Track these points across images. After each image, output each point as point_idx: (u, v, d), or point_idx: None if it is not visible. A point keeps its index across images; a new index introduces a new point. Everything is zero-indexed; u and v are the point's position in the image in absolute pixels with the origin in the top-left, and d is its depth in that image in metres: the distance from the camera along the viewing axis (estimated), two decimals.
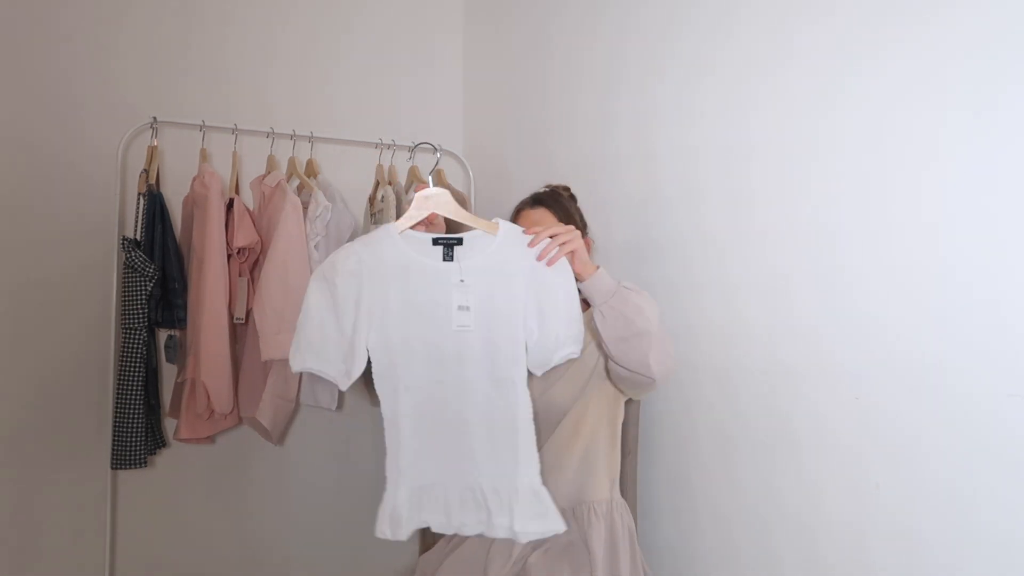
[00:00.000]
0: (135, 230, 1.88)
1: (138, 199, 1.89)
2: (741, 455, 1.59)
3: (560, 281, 1.40)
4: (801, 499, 1.47)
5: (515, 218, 1.64)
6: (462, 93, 2.59)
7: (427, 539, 2.31)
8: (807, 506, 1.46)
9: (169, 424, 2.05)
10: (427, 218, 1.45)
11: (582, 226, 1.65)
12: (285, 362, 1.89)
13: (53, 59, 1.96)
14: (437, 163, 1.77)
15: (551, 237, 1.35)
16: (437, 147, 2.33)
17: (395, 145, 2.20)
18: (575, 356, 1.43)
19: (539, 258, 1.36)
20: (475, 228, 1.44)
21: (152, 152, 1.91)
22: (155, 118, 1.93)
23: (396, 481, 1.37)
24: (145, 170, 1.90)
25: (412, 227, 1.44)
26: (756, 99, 1.56)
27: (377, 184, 2.20)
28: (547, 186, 1.72)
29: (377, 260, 1.39)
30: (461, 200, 2.21)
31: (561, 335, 1.39)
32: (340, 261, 1.38)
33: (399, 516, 1.36)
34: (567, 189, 1.72)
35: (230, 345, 1.89)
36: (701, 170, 1.68)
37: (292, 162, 2.08)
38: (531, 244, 1.36)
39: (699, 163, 1.69)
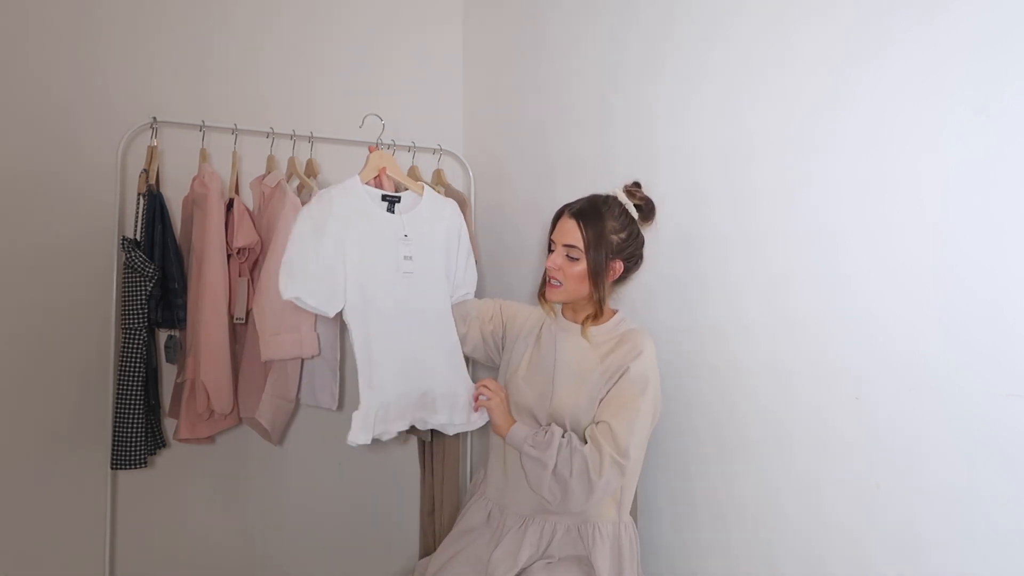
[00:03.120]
0: (135, 230, 1.88)
1: (138, 199, 1.89)
2: (741, 453, 1.59)
3: (463, 240, 1.83)
4: (801, 498, 1.47)
5: (555, 218, 1.65)
6: (462, 93, 2.59)
7: (426, 542, 2.31)
8: (807, 505, 1.46)
9: (169, 424, 2.05)
10: (380, 174, 1.76)
11: (620, 248, 1.59)
12: (285, 362, 1.90)
13: (53, 59, 1.96)
14: (438, 161, 1.82)
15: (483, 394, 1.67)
16: (437, 147, 2.34)
17: (395, 145, 2.20)
18: (470, 296, 1.86)
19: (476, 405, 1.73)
20: (408, 187, 1.78)
21: (152, 152, 1.91)
22: (155, 118, 1.93)
23: (369, 396, 1.61)
24: (145, 170, 1.90)
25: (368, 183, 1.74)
26: (756, 98, 1.56)
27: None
28: (628, 186, 1.67)
29: (351, 206, 1.66)
30: (461, 200, 2.20)
31: (460, 278, 1.81)
32: (325, 203, 1.64)
33: (368, 424, 1.60)
34: (642, 199, 1.66)
35: (230, 345, 1.88)
36: (701, 169, 1.68)
37: (292, 162, 2.08)
38: (476, 400, 1.72)
39: (699, 162, 1.69)
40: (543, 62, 2.21)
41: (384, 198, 1.72)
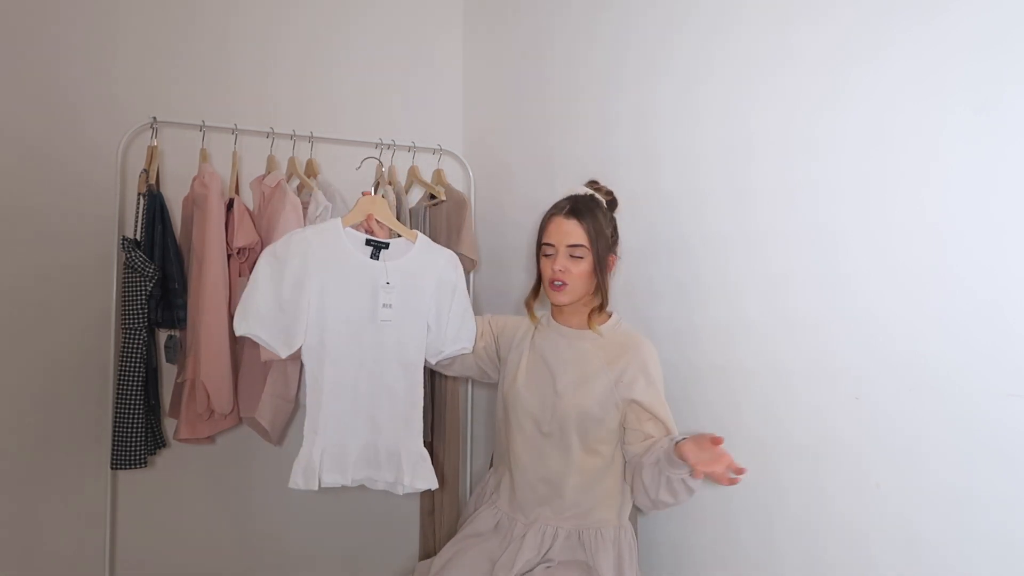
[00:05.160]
0: (135, 230, 1.88)
1: (138, 199, 1.89)
2: (742, 454, 1.59)
3: (458, 297, 1.71)
4: (801, 498, 1.47)
5: (547, 222, 1.63)
6: (462, 93, 2.59)
7: (426, 543, 2.31)
8: (807, 505, 1.46)
9: (169, 424, 2.05)
10: (367, 219, 1.69)
11: (612, 242, 1.63)
12: (284, 362, 1.90)
13: (53, 59, 1.96)
14: (439, 161, 1.79)
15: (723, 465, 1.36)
16: (437, 147, 2.34)
17: (395, 145, 2.20)
18: (467, 351, 1.74)
19: (711, 472, 1.35)
20: (399, 234, 1.70)
21: (152, 152, 1.91)
22: (155, 118, 1.93)
23: (312, 440, 1.59)
24: (145, 170, 1.90)
25: (356, 227, 1.67)
26: (757, 99, 1.56)
27: (377, 184, 2.20)
28: (589, 184, 1.69)
29: (324, 248, 1.61)
30: (460, 202, 2.20)
31: (451, 335, 1.70)
32: (293, 244, 1.59)
33: (312, 469, 1.57)
34: (609, 194, 1.69)
35: (230, 345, 1.88)
36: (702, 170, 1.68)
37: (292, 162, 2.08)
38: (708, 467, 1.35)
39: (700, 163, 1.69)
40: (543, 62, 2.21)
41: (368, 243, 1.66)
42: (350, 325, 1.61)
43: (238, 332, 1.55)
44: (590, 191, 1.65)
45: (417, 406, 1.68)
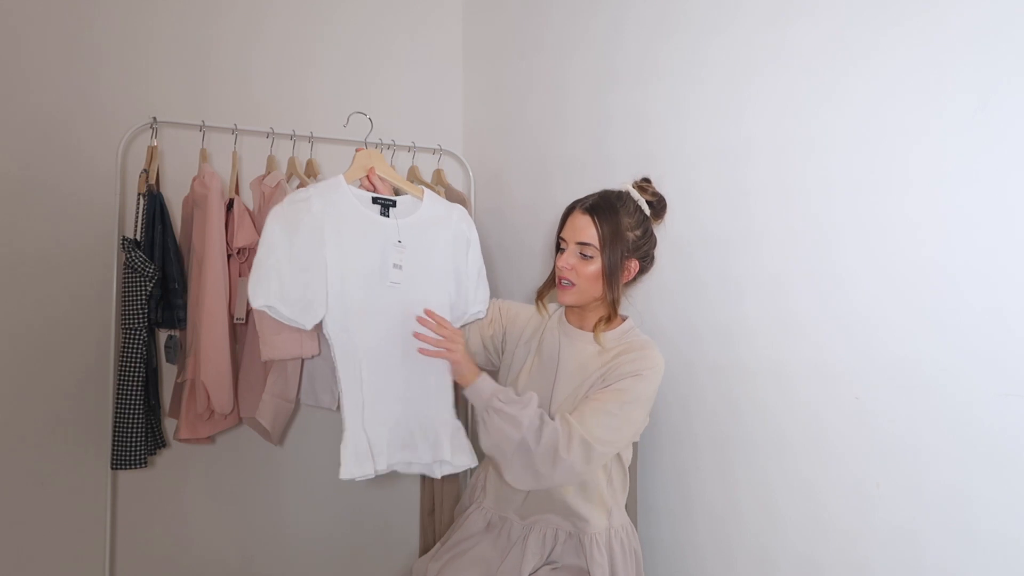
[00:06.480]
0: (135, 230, 1.88)
1: (138, 199, 1.89)
2: (739, 454, 1.59)
3: (472, 252, 1.62)
4: (799, 498, 1.47)
5: (566, 215, 1.56)
6: (462, 93, 2.59)
7: (426, 542, 2.31)
8: (805, 505, 1.46)
9: (169, 424, 2.05)
10: (368, 174, 1.59)
11: (636, 247, 1.53)
12: (285, 362, 1.90)
13: (53, 59, 1.96)
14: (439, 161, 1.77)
15: (442, 336, 1.50)
16: (437, 147, 2.34)
17: (395, 145, 2.20)
18: (482, 316, 1.67)
19: (420, 349, 1.51)
20: (405, 191, 1.61)
21: (152, 152, 1.91)
22: (155, 118, 1.93)
23: (359, 418, 1.47)
24: (145, 170, 1.90)
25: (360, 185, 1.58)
26: (752, 98, 1.56)
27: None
28: (640, 181, 1.61)
29: (333, 207, 1.50)
30: (460, 200, 2.20)
31: (471, 296, 1.62)
32: (300, 203, 1.47)
33: (363, 453, 1.45)
34: (655, 195, 1.60)
35: (230, 345, 1.88)
36: (698, 170, 1.69)
37: (292, 162, 2.08)
38: (419, 331, 1.51)
39: (696, 163, 1.69)
40: (543, 62, 2.21)
41: (376, 200, 1.56)
42: (369, 289, 1.50)
43: (254, 305, 1.43)
44: (628, 189, 1.57)
45: (444, 373, 1.56)
